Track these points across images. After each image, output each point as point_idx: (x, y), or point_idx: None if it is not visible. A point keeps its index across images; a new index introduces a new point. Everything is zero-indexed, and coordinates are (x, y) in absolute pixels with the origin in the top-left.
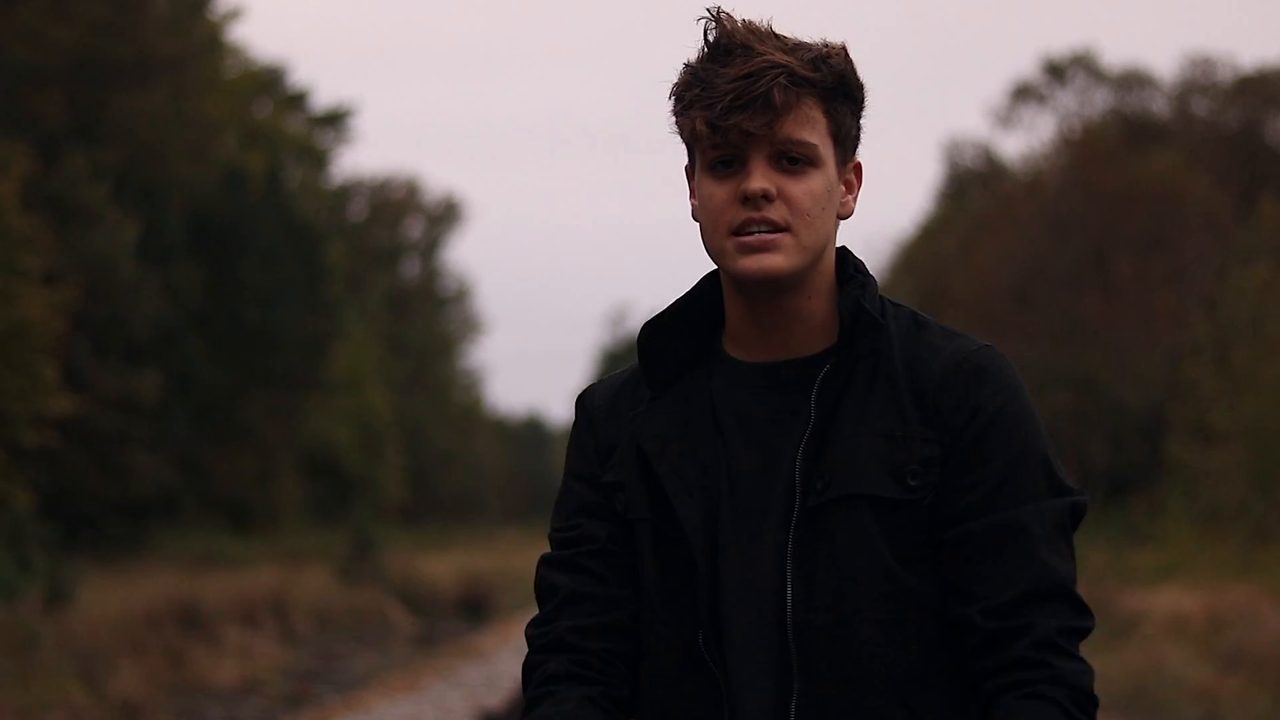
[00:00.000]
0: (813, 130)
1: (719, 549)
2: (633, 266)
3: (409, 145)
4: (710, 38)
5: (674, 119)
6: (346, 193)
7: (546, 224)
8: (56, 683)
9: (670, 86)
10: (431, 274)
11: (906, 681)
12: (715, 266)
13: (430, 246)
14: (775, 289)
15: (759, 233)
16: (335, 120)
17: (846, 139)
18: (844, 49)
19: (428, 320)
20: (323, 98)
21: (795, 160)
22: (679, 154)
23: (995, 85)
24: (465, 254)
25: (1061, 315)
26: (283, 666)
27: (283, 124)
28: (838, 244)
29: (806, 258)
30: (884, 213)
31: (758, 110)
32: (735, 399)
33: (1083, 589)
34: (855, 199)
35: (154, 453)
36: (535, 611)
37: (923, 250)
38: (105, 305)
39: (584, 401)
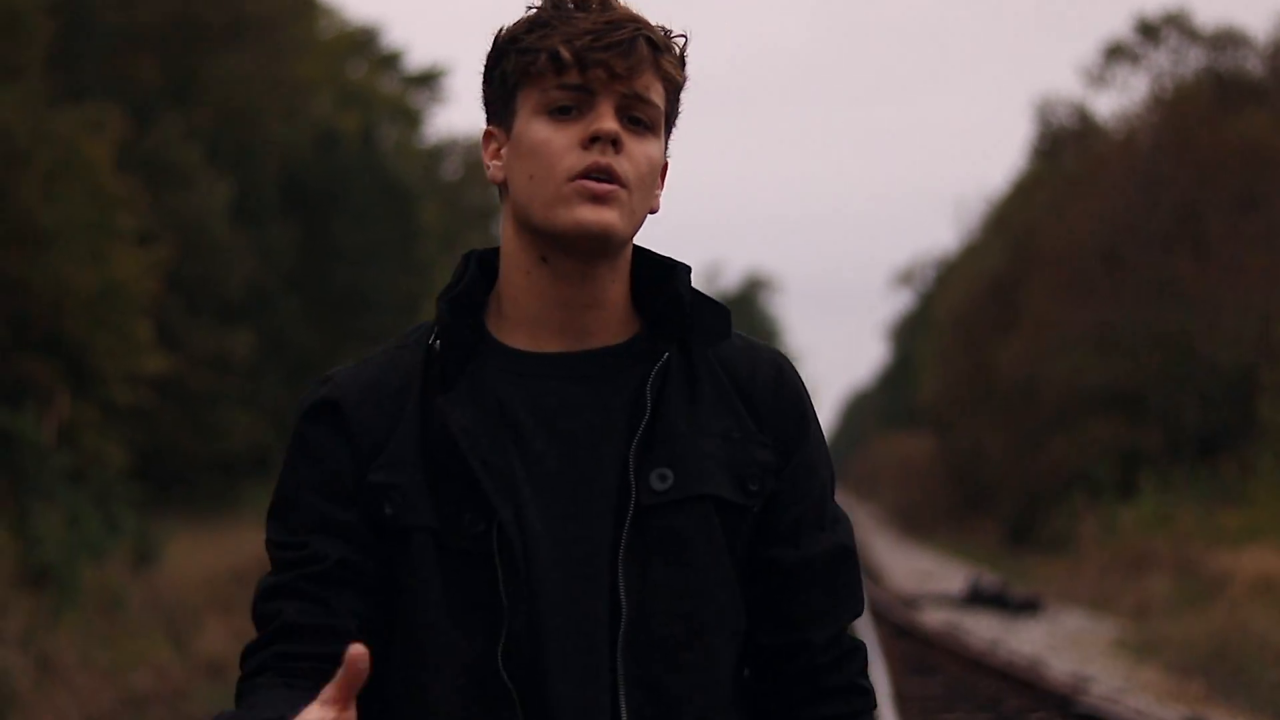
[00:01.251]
0: (658, 97)
1: (531, 558)
2: (724, 225)
3: None
4: None
5: (507, 56)
6: (440, 153)
7: None
8: (143, 641)
9: (503, 28)
10: None
11: (731, 700)
12: (486, 249)
13: None
14: (600, 251)
15: (605, 180)
16: (429, 80)
17: (671, 127)
18: (685, 38)
19: None
20: (417, 58)
21: (637, 121)
22: (761, 113)
23: (1088, 44)
24: None
25: (1153, 275)
26: None
27: (377, 84)
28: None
29: (630, 227)
30: (978, 171)
31: (622, 53)
32: (528, 393)
33: (1172, 548)
34: (659, 199)
35: (247, 411)
36: None
37: (1015, 208)
38: (199, 265)
39: (326, 400)
